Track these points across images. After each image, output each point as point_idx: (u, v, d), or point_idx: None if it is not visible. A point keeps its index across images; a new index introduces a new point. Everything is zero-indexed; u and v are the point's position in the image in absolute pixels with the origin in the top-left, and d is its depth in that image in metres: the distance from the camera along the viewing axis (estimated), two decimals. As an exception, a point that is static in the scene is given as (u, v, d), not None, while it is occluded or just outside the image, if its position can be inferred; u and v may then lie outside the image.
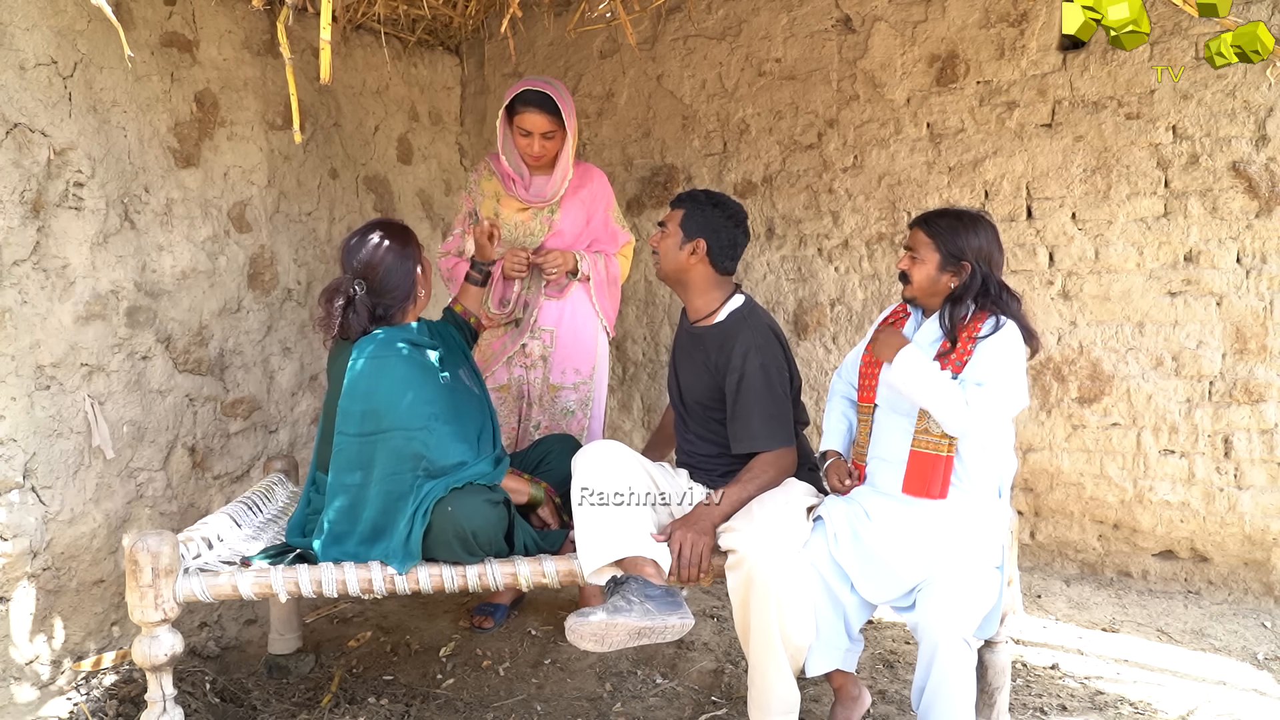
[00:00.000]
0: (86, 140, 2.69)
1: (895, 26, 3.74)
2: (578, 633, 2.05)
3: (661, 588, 2.13)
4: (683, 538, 2.24)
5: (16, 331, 2.51)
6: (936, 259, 2.29)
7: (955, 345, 2.25)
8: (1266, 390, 3.18)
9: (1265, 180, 3.13)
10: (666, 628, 2.07)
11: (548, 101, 2.88)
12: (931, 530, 2.21)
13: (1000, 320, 2.24)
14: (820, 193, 3.97)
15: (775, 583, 2.14)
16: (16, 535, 2.50)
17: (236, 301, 3.30)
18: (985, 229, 2.31)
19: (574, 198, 3.07)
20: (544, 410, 3.11)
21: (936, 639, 2.06)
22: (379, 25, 4.01)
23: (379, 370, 2.28)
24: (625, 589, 2.11)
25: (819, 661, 2.25)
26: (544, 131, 2.91)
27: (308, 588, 2.17)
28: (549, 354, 3.09)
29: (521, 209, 3.07)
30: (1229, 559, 3.32)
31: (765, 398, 2.41)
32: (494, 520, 2.24)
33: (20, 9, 2.49)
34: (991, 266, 2.29)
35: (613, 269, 3.11)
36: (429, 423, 2.26)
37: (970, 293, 2.27)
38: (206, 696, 2.59)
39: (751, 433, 2.42)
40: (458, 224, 3.21)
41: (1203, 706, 2.58)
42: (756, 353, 2.42)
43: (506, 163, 3.05)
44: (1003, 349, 2.21)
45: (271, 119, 3.44)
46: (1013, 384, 2.21)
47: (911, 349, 2.25)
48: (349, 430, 2.30)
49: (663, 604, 2.09)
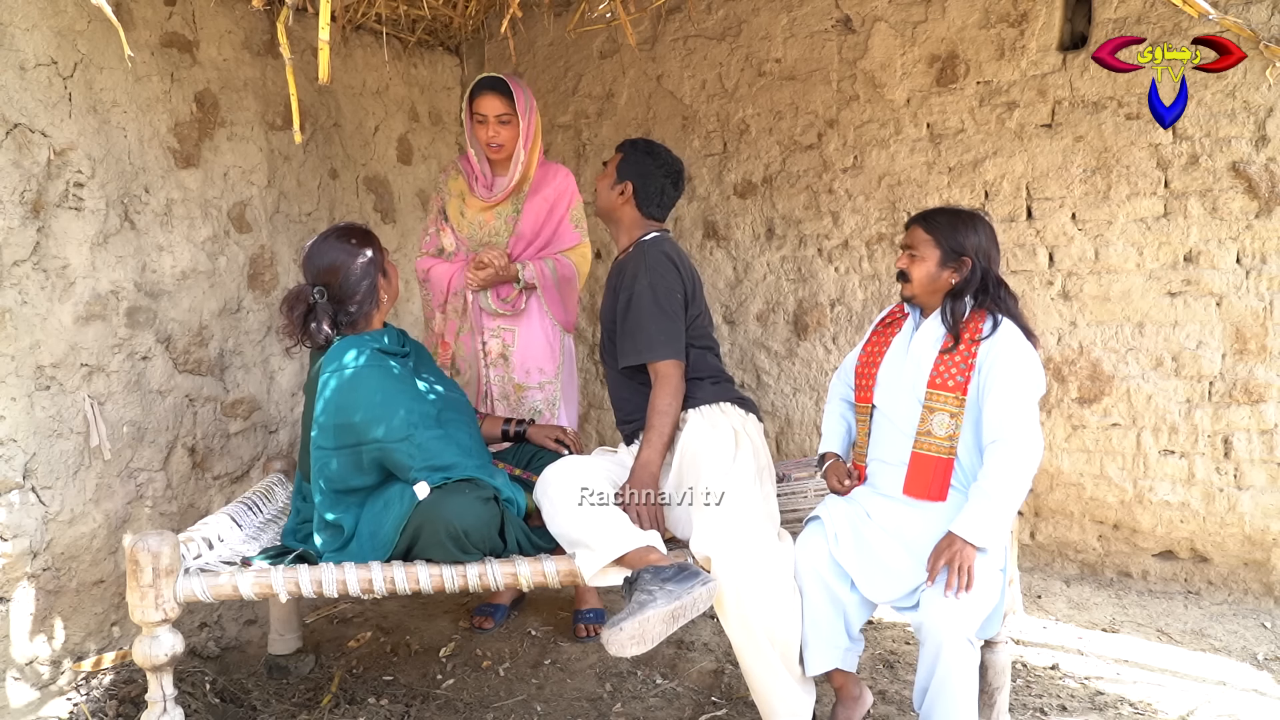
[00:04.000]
0: (86, 140, 2.69)
1: (895, 27, 3.74)
2: (617, 642, 2.02)
3: (672, 565, 2.13)
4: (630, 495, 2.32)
5: (16, 332, 2.51)
6: (937, 255, 2.30)
7: (958, 343, 2.25)
8: (1266, 390, 3.18)
9: (1265, 180, 3.13)
10: (696, 599, 2.05)
11: (500, 84, 2.94)
12: (933, 531, 2.21)
13: (998, 319, 2.24)
14: (820, 193, 3.97)
15: (748, 586, 2.16)
16: (16, 535, 2.50)
17: (236, 302, 3.30)
18: (983, 226, 2.32)
19: (537, 196, 3.08)
20: (511, 410, 3.10)
21: (940, 639, 2.06)
22: (379, 25, 4.01)
23: (351, 384, 2.26)
24: (640, 583, 2.10)
25: (818, 660, 2.25)
26: (497, 115, 2.95)
27: (308, 588, 2.17)
28: (509, 352, 3.09)
29: (485, 208, 3.09)
30: (1229, 559, 3.32)
31: (653, 313, 2.46)
32: (485, 517, 2.22)
33: (20, 9, 2.49)
34: (990, 263, 2.30)
35: (563, 269, 3.09)
36: (410, 432, 2.24)
37: (970, 287, 2.28)
38: (206, 697, 2.58)
39: (637, 346, 2.48)
40: (430, 224, 3.22)
41: (1203, 707, 2.58)
42: (645, 273, 2.50)
43: (474, 157, 3.07)
44: (1008, 353, 2.19)
45: (271, 119, 3.44)
46: (1030, 385, 2.20)
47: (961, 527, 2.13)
48: (327, 444, 2.27)
49: (682, 580, 2.08)
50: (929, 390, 2.26)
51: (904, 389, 2.32)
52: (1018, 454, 2.14)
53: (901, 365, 2.35)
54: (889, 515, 2.27)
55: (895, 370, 2.36)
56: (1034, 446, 2.16)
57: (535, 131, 3.03)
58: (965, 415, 2.23)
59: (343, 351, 2.31)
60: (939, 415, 2.24)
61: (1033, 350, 2.24)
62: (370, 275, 2.41)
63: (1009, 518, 2.17)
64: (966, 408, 2.23)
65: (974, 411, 2.23)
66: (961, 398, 2.22)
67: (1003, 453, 2.14)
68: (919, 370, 2.30)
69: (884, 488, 2.33)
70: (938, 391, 2.25)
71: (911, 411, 2.29)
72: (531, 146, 3.02)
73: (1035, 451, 2.17)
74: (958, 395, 2.23)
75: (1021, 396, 2.18)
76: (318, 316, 2.37)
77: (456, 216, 3.13)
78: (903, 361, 2.35)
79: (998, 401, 2.17)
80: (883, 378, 2.38)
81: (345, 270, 2.38)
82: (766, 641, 2.18)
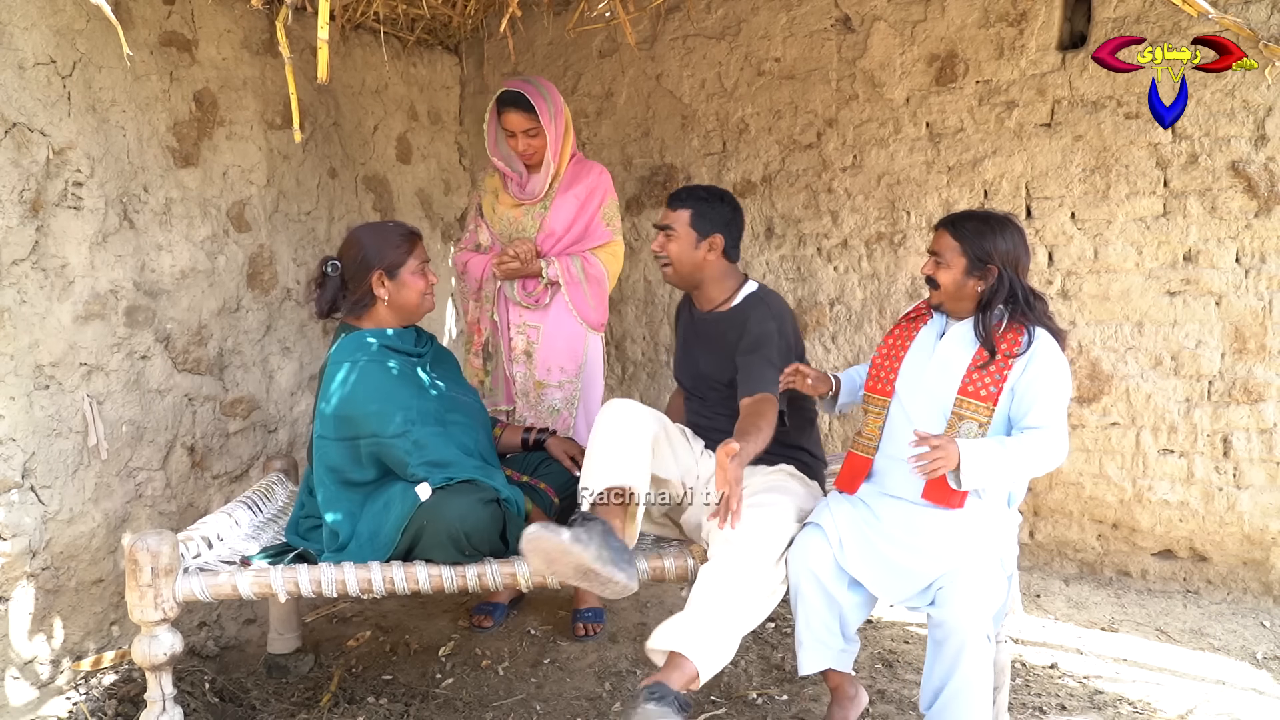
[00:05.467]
0: (85, 140, 2.69)
1: (894, 26, 3.74)
2: (534, 543, 2.05)
3: (622, 543, 2.17)
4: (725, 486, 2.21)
5: (15, 331, 2.50)
6: (963, 263, 2.25)
7: (994, 356, 2.21)
8: (1265, 390, 3.19)
9: (1264, 180, 3.13)
10: (611, 579, 2.09)
11: (522, 100, 2.94)
12: (946, 530, 2.19)
13: (1033, 334, 2.21)
14: (819, 192, 3.97)
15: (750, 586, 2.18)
16: (15, 535, 2.50)
17: (235, 301, 3.30)
18: (1012, 231, 2.27)
19: (567, 193, 3.09)
20: (530, 406, 3.11)
21: (965, 634, 2.03)
22: (378, 24, 4.00)
23: (354, 377, 2.29)
24: (591, 526, 2.12)
25: (811, 660, 2.24)
26: (524, 130, 2.98)
27: (307, 587, 2.17)
28: (534, 350, 3.11)
29: (515, 205, 3.11)
30: (1228, 558, 3.33)
31: (778, 349, 2.46)
32: (486, 520, 2.23)
33: (19, 8, 2.49)
34: (1018, 270, 2.25)
35: (591, 268, 3.09)
36: (407, 428, 2.25)
37: (999, 298, 2.23)
38: (206, 696, 2.58)
39: (764, 379, 2.42)
40: (470, 220, 3.29)
41: (1201, 706, 2.58)
42: (773, 319, 2.50)
43: (501, 162, 3.11)
44: (1045, 369, 2.18)
45: (271, 118, 3.44)
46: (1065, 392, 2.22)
47: (964, 445, 2.12)
48: (328, 434, 2.30)
49: (619, 556, 2.12)
50: (960, 397, 2.22)
51: (927, 390, 2.28)
52: (1048, 443, 2.14)
53: (925, 365, 2.31)
54: (901, 518, 2.24)
55: (918, 369, 2.32)
56: (1062, 446, 2.17)
57: (565, 131, 3.05)
58: (990, 428, 2.20)
59: (351, 344, 2.34)
60: (968, 424, 2.21)
61: (1065, 362, 2.23)
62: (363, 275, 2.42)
63: (1003, 478, 2.17)
64: (994, 419, 2.20)
65: (999, 423, 2.21)
66: (992, 408, 2.19)
67: (1037, 435, 2.15)
68: (947, 375, 2.26)
69: (894, 488, 2.29)
70: (970, 400, 2.21)
71: (932, 413, 2.26)
72: (561, 149, 3.04)
73: (1062, 451, 2.17)
74: (989, 405, 2.19)
75: (1058, 402, 2.18)
76: (324, 287, 2.46)
77: (490, 213, 3.18)
78: (927, 361, 2.31)
79: (1040, 410, 2.17)
80: (906, 374, 2.34)
81: (357, 256, 2.43)
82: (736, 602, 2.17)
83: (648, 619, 3.22)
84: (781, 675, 2.77)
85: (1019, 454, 2.13)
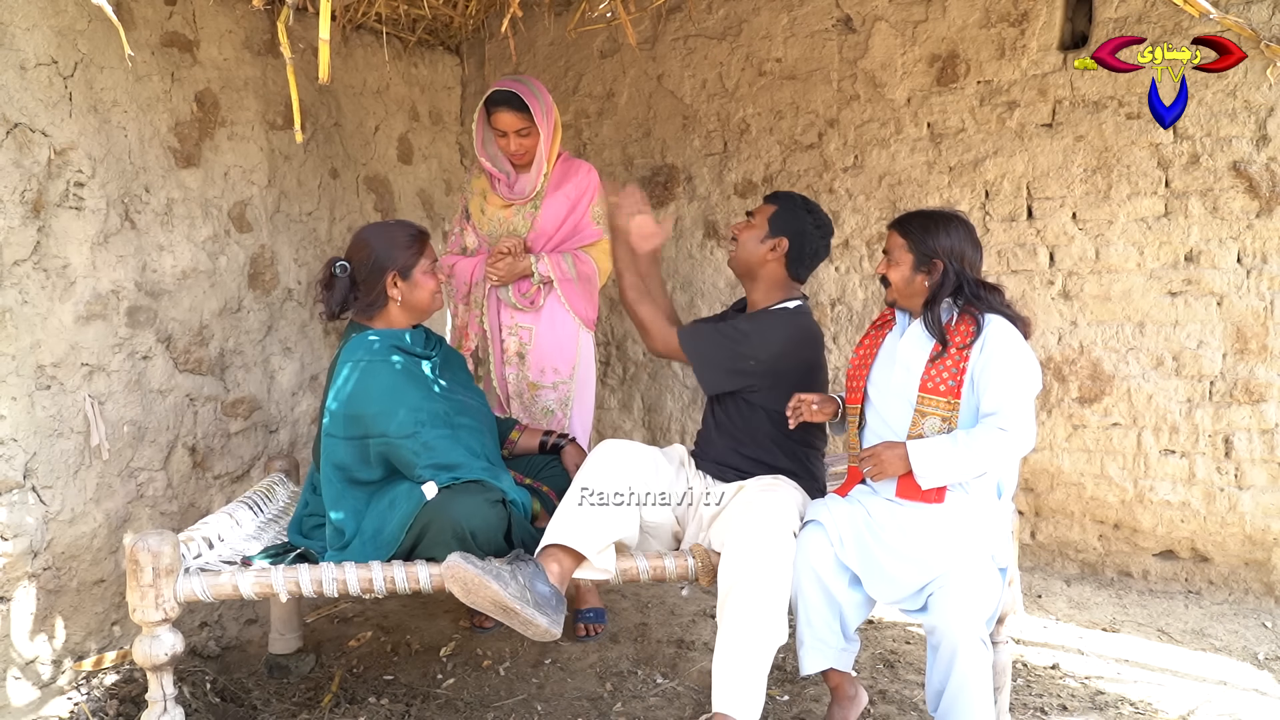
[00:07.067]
0: (87, 140, 2.69)
1: (895, 26, 3.74)
2: (453, 570, 2.04)
3: (553, 589, 2.13)
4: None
5: (17, 331, 2.51)
6: (910, 260, 2.30)
7: (946, 348, 2.24)
8: (1267, 390, 3.18)
9: (1266, 180, 3.13)
10: (530, 622, 2.05)
11: (515, 99, 2.93)
12: (934, 531, 2.20)
13: (983, 320, 2.23)
14: (821, 192, 3.96)
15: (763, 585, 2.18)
16: (17, 535, 2.50)
17: (237, 301, 3.30)
18: (957, 227, 2.30)
19: (557, 192, 3.08)
20: (524, 408, 3.11)
21: (956, 640, 2.05)
22: (379, 25, 4.00)
23: (364, 376, 2.30)
24: (520, 567, 2.11)
25: (812, 660, 2.25)
26: (516, 129, 2.96)
27: (308, 587, 2.17)
28: (526, 351, 3.09)
29: (504, 205, 3.11)
30: (1229, 559, 3.32)
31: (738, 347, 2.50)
32: (493, 520, 2.23)
33: (20, 9, 2.49)
34: (964, 264, 2.27)
35: (582, 266, 3.07)
36: (416, 429, 2.26)
37: (945, 291, 2.27)
38: (207, 696, 2.59)
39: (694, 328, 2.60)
40: (456, 223, 3.26)
41: (1203, 706, 2.58)
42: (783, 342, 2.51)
43: (488, 162, 3.09)
44: (999, 351, 2.19)
45: (272, 119, 3.44)
46: (1025, 376, 2.20)
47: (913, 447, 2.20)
48: (336, 432, 2.31)
49: (543, 601, 2.08)
50: (920, 395, 2.26)
51: (895, 392, 2.32)
52: (1005, 433, 2.14)
53: (891, 368, 2.35)
54: (891, 516, 2.26)
55: (886, 372, 2.36)
56: (1024, 434, 2.16)
57: (554, 129, 3.03)
58: (959, 420, 2.22)
59: (360, 344, 2.35)
60: (930, 419, 2.24)
61: (1024, 342, 2.23)
62: (375, 278, 2.42)
63: (963, 471, 2.18)
64: (961, 412, 2.22)
65: (967, 415, 2.23)
66: (954, 401, 2.22)
67: (991, 422, 2.16)
68: (908, 374, 2.30)
69: (881, 489, 2.32)
70: (930, 396, 2.25)
71: (902, 414, 2.29)
72: (551, 147, 3.03)
73: (1023, 439, 2.16)
74: (949, 399, 2.22)
75: (1015, 385, 2.17)
76: (333, 288, 2.45)
77: (478, 214, 3.16)
78: (892, 364, 2.35)
79: (994, 393, 2.17)
80: (875, 379, 2.38)
81: (368, 258, 2.43)
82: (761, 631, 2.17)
83: (648, 619, 3.22)
84: (782, 675, 2.77)
85: (973, 446, 2.15)
